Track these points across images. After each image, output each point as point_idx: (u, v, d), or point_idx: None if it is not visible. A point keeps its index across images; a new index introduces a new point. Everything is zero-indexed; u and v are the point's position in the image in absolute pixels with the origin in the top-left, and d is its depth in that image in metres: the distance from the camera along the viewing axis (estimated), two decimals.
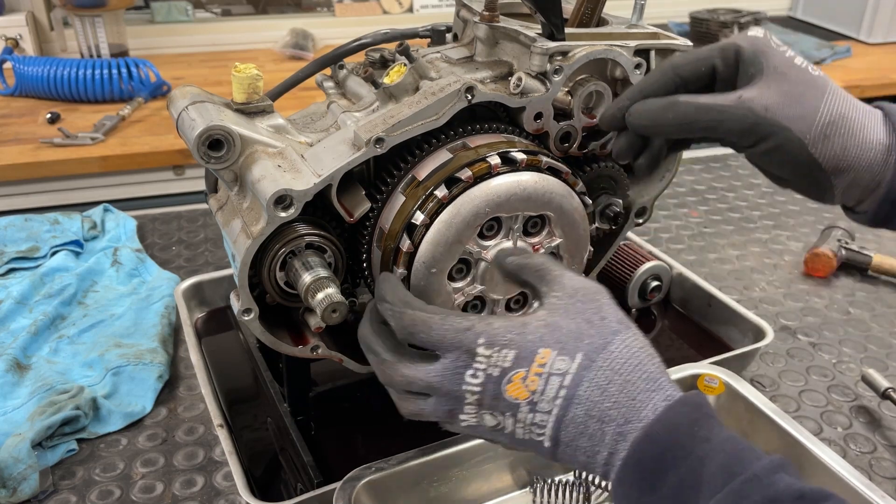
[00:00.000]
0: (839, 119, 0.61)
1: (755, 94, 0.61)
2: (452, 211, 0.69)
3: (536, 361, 0.55)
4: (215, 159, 0.72)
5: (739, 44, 0.64)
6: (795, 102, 0.61)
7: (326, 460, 0.84)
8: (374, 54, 0.86)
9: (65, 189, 1.84)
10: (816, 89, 0.62)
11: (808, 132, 0.60)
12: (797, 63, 0.63)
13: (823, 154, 0.61)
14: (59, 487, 0.85)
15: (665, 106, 0.63)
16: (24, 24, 2.27)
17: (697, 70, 0.65)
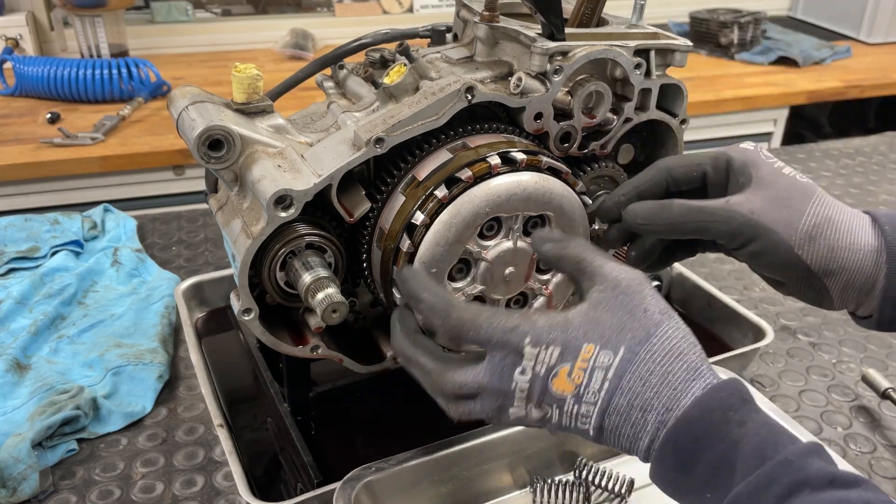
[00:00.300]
0: (825, 221, 0.63)
1: (743, 199, 0.65)
2: (452, 211, 0.69)
3: (581, 356, 0.56)
4: (215, 159, 0.72)
5: (731, 154, 0.68)
6: (781, 206, 0.64)
7: (326, 460, 0.84)
8: (374, 54, 0.86)
9: (65, 189, 1.84)
10: (803, 194, 0.65)
11: (793, 234, 0.63)
12: (785, 172, 0.66)
13: (811, 256, 0.63)
14: (59, 487, 0.85)
15: (660, 207, 0.67)
16: (24, 24, 2.28)
17: (689, 174, 0.68)
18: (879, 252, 0.63)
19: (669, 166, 0.69)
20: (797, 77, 2.52)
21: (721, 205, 0.65)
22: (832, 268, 0.63)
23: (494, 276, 0.74)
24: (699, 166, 0.68)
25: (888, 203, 1.56)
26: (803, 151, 1.82)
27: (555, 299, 0.79)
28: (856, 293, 0.65)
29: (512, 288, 0.76)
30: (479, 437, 0.78)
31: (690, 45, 0.82)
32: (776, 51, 2.65)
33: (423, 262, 0.70)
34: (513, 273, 0.75)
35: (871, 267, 0.63)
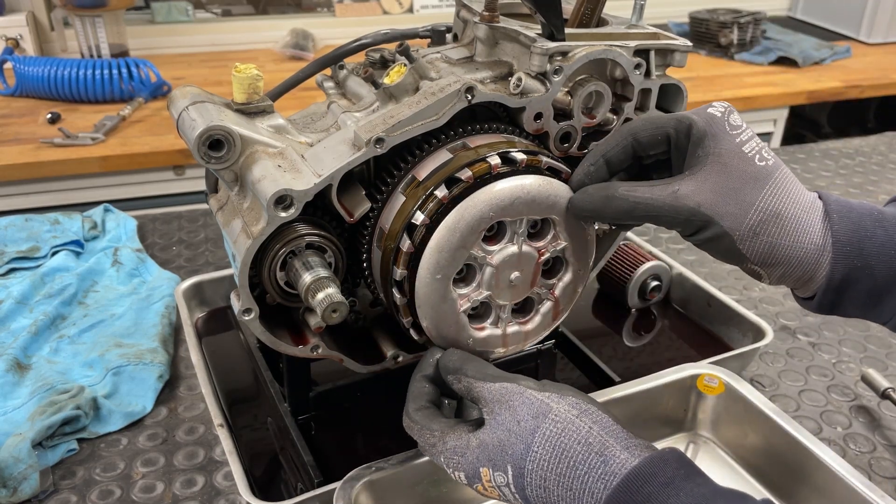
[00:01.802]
0: (772, 217, 0.62)
1: (691, 188, 0.63)
2: (456, 216, 0.69)
3: (483, 478, 0.62)
4: (216, 159, 0.72)
5: (693, 119, 0.65)
6: (730, 198, 0.62)
7: (326, 460, 0.84)
8: (375, 54, 0.86)
9: (65, 189, 1.85)
10: (756, 183, 0.63)
11: (737, 229, 0.63)
12: (744, 151, 0.64)
13: (751, 250, 0.63)
14: (60, 487, 0.85)
15: (604, 200, 0.66)
16: (25, 24, 2.28)
17: (654, 138, 0.67)
18: (822, 250, 0.63)
19: (633, 130, 0.67)
20: (797, 77, 2.52)
21: (668, 195, 0.63)
22: (770, 262, 0.63)
23: (500, 281, 0.73)
24: (663, 129, 0.66)
25: None
26: (803, 151, 1.82)
27: (561, 304, 0.79)
28: (793, 281, 0.66)
29: (518, 293, 0.76)
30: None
31: (690, 45, 0.82)
32: (776, 51, 2.65)
33: (428, 269, 0.69)
34: (518, 278, 0.74)
35: (812, 263, 0.63)
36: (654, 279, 1.14)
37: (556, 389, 0.63)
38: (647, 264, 1.13)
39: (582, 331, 1.08)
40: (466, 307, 0.73)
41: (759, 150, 0.65)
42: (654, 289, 1.14)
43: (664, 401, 0.89)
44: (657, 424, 0.90)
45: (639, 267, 1.13)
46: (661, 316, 1.16)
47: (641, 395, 0.86)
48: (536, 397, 0.61)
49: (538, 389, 0.63)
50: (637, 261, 1.14)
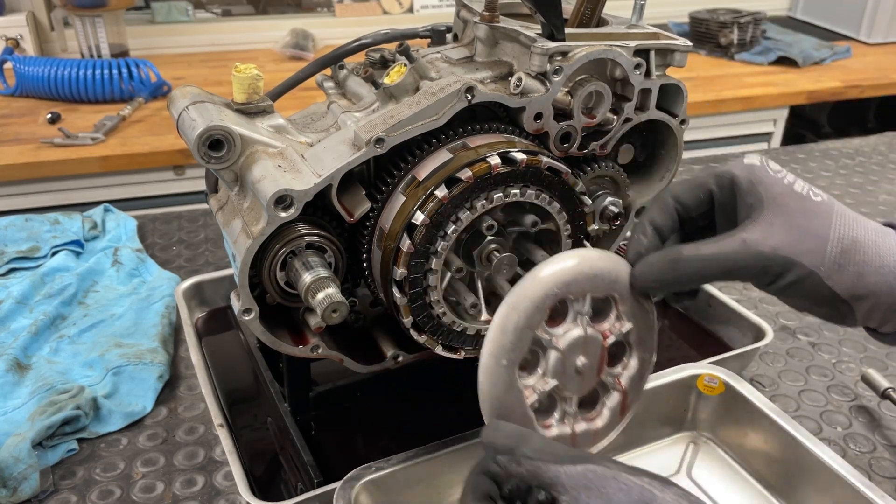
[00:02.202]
0: (851, 246, 0.59)
1: (759, 234, 0.59)
2: (518, 292, 0.61)
3: None
4: (216, 159, 0.72)
5: (734, 173, 0.63)
6: (803, 235, 0.59)
7: (326, 460, 0.84)
8: (375, 54, 0.86)
9: (65, 189, 1.85)
10: (821, 217, 0.60)
11: (820, 264, 0.58)
12: (797, 190, 0.61)
13: (840, 284, 0.59)
14: (60, 487, 0.85)
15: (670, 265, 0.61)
16: (25, 24, 2.28)
17: (696, 197, 0.64)
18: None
19: (676, 194, 0.64)
20: (797, 77, 2.52)
21: (738, 246, 0.59)
22: (861, 293, 0.59)
23: (567, 368, 0.65)
24: (704, 187, 0.63)
25: (888, 203, 1.56)
26: (803, 151, 1.82)
27: (630, 395, 0.70)
28: (881, 313, 0.61)
29: (585, 383, 0.67)
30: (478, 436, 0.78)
31: (690, 45, 0.82)
32: (776, 51, 2.65)
33: (492, 353, 0.61)
34: (585, 365, 0.66)
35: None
36: None
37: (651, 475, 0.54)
38: None
39: None
40: (533, 399, 0.64)
41: (810, 188, 0.62)
42: None
43: (664, 401, 0.89)
44: (657, 424, 0.90)
45: None
46: (662, 316, 1.16)
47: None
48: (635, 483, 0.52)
49: (632, 473, 0.53)
50: None
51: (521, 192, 0.74)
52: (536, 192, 0.75)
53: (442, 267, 0.75)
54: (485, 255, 0.78)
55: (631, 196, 0.90)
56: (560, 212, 0.78)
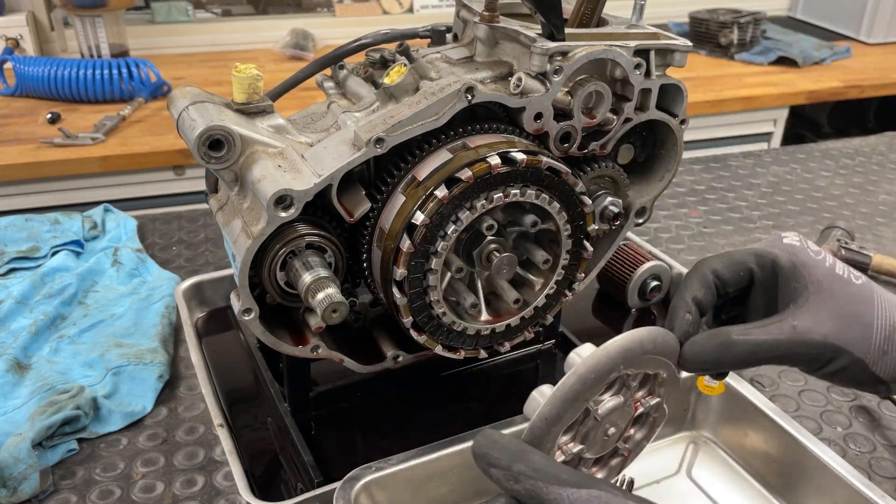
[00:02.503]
0: (894, 332, 0.60)
1: (809, 322, 0.60)
2: (589, 365, 0.60)
3: None
4: (216, 159, 0.72)
5: (777, 254, 0.63)
6: (851, 324, 0.60)
7: (326, 460, 0.84)
8: (375, 54, 0.86)
9: (65, 189, 1.85)
10: (865, 303, 0.61)
11: (867, 352, 0.60)
12: (839, 274, 0.62)
13: (884, 369, 0.61)
14: (60, 487, 0.85)
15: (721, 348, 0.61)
16: (25, 24, 2.28)
17: (736, 275, 0.64)
18: None
19: (716, 270, 0.64)
20: (797, 77, 2.52)
21: (789, 333, 0.60)
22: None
23: (598, 434, 0.65)
24: (745, 265, 0.64)
25: (888, 203, 1.56)
26: (803, 151, 1.82)
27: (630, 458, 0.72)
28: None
29: (605, 446, 0.67)
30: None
31: (690, 45, 0.82)
32: (776, 51, 2.65)
33: (546, 419, 0.60)
34: (613, 433, 0.66)
35: None
36: (654, 279, 1.14)
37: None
38: (647, 264, 1.13)
39: (582, 331, 1.08)
40: (560, 459, 0.64)
41: (849, 270, 0.63)
42: (654, 289, 1.14)
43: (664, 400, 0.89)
44: None
45: (639, 267, 1.13)
46: (662, 316, 1.16)
47: None
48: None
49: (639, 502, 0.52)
50: (637, 261, 1.14)
51: (521, 192, 0.74)
52: (536, 192, 0.75)
53: (442, 267, 0.75)
54: (485, 255, 0.78)
55: (631, 196, 0.90)
56: (560, 212, 0.78)
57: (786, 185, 1.64)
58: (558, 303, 0.86)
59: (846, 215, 1.50)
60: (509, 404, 0.95)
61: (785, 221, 1.48)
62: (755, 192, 1.60)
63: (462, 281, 0.80)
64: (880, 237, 1.42)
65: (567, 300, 0.86)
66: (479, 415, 0.85)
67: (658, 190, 0.91)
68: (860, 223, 1.47)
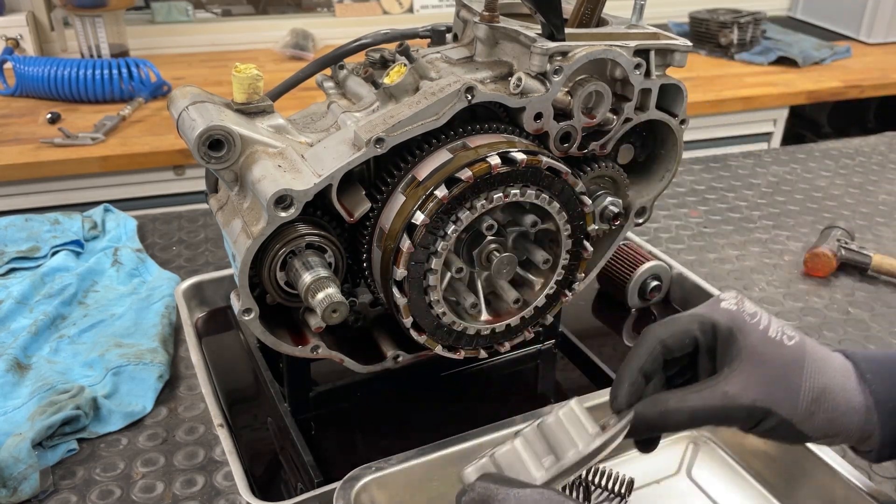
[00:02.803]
0: (821, 394, 0.63)
1: (739, 386, 0.63)
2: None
3: None
4: (216, 159, 0.72)
5: (716, 319, 0.66)
6: (778, 386, 0.63)
7: (326, 460, 0.84)
8: (375, 54, 0.86)
9: (65, 189, 1.84)
10: (795, 365, 0.64)
11: (794, 414, 0.63)
12: (772, 337, 0.65)
13: (812, 429, 0.64)
14: (60, 487, 0.85)
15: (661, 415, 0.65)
16: (25, 24, 2.28)
17: (681, 342, 0.67)
18: (869, 409, 0.64)
19: (661, 338, 0.67)
20: (797, 77, 2.52)
21: (720, 398, 0.63)
22: (830, 433, 0.64)
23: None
24: (689, 333, 0.67)
25: (888, 203, 1.56)
26: (803, 151, 1.82)
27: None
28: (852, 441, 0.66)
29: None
30: (478, 436, 0.78)
31: (690, 45, 0.82)
32: (776, 51, 2.65)
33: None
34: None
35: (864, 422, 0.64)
36: (654, 279, 1.14)
37: None
38: (647, 264, 1.13)
39: (582, 331, 1.08)
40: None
41: (783, 330, 0.66)
42: (654, 289, 1.14)
43: None
44: None
45: (639, 267, 1.13)
46: (661, 316, 1.16)
47: None
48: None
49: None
50: (637, 261, 1.14)
51: (520, 192, 0.74)
52: (536, 192, 0.75)
53: (442, 267, 0.75)
54: (485, 255, 0.78)
55: (631, 196, 0.90)
56: (560, 212, 0.78)
57: (786, 185, 1.64)
58: (558, 303, 0.86)
59: (846, 215, 1.50)
60: (509, 404, 0.96)
61: (785, 221, 1.48)
62: (755, 192, 1.60)
63: (462, 281, 0.80)
64: (880, 237, 1.42)
65: (567, 300, 0.86)
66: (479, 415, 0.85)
67: (658, 190, 0.91)
68: (860, 223, 1.47)
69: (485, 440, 0.79)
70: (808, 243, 1.37)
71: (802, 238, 1.41)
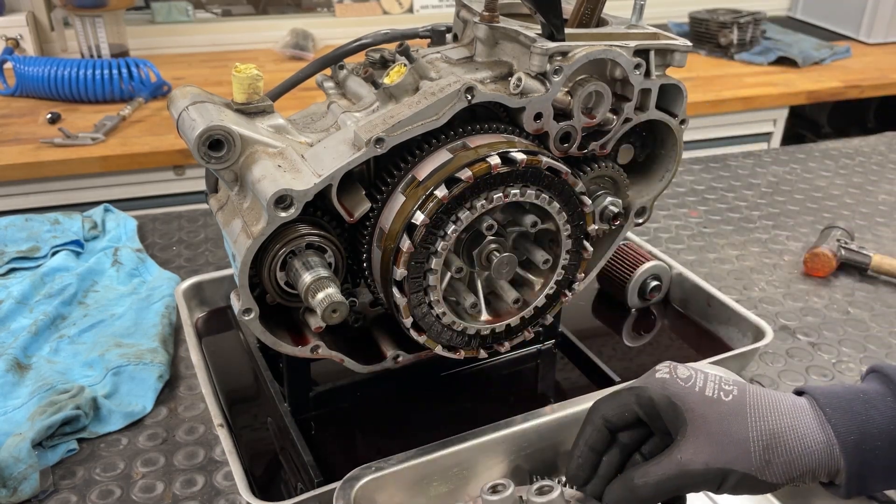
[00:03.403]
0: (770, 440, 0.63)
1: (690, 453, 0.64)
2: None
3: None
4: (216, 159, 0.72)
5: (651, 394, 0.66)
6: (726, 444, 0.63)
7: (326, 460, 0.84)
8: (375, 55, 0.86)
9: (65, 189, 1.84)
10: (737, 418, 0.64)
11: (749, 466, 0.63)
12: (709, 396, 0.65)
13: (773, 476, 0.64)
14: (60, 487, 0.85)
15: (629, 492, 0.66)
16: (25, 25, 2.28)
17: (623, 417, 0.68)
18: (830, 443, 0.63)
19: (604, 415, 0.68)
20: (797, 77, 2.52)
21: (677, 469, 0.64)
22: (795, 475, 0.64)
23: None
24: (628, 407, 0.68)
25: (888, 203, 1.56)
26: (803, 151, 1.82)
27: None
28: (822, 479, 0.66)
29: None
30: (478, 436, 0.79)
31: (690, 45, 0.82)
32: (776, 51, 2.65)
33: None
34: None
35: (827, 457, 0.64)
36: (654, 279, 1.14)
37: None
38: (647, 264, 1.13)
39: (582, 331, 1.08)
40: None
41: (719, 386, 0.66)
42: (654, 289, 1.14)
43: None
44: None
45: (639, 267, 1.13)
46: (661, 316, 1.16)
47: None
48: None
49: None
50: (637, 261, 1.14)
51: (520, 192, 0.75)
52: (536, 192, 0.75)
53: (442, 267, 0.75)
54: (485, 255, 0.78)
55: (631, 196, 0.90)
56: (560, 212, 0.78)
57: (786, 185, 1.64)
58: (558, 303, 0.86)
59: (846, 215, 1.50)
60: (509, 404, 0.96)
61: (785, 221, 1.48)
62: (755, 192, 1.60)
63: (462, 281, 0.80)
64: (880, 237, 1.42)
65: (567, 300, 0.86)
66: (479, 415, 0.85)
67: (658, 190, 0.91)
68: (860, 223, 1.47)
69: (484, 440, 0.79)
70: (807, 243, 1.37)
71: (802, 238, 1.41)
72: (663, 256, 1.18)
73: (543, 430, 0.81)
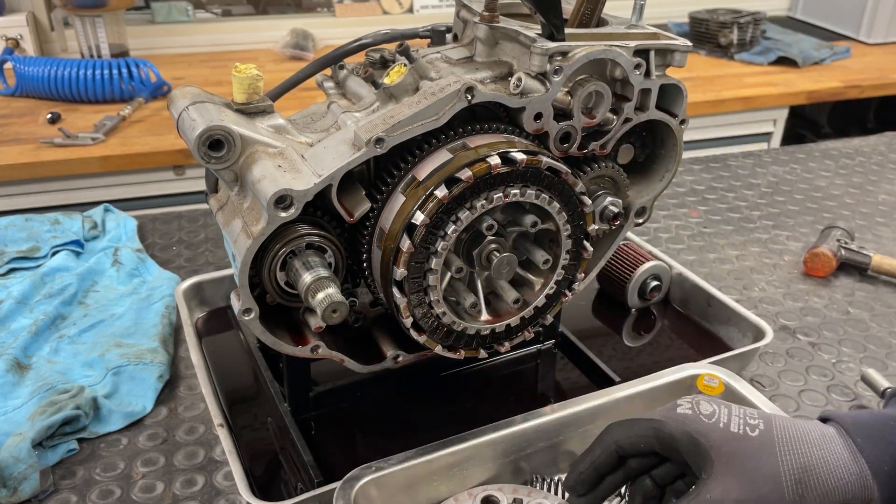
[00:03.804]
0: (803, 474, 0.61)
1: (718, 492, 0.62)
2: None
3: None
4: (216, 159, 0.72)
5: (672, 431, 0.65)
6: (757, 482, 0.61)
7: (326, 460, 0.84)
8: (375, 55, 0.86)
9: (65, 189, 1.85)
10: (766, 453, 0.62)
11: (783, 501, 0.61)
12: (735, 431, 0.64)
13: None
14: (60, 487, 0.85)
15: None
16: (25, 25, 2.28)
17: (637, 447, 0.67)
18: (863, 472, 0.62)
19: (617, 440, 0.67)
20: (797, 77, 2.52)
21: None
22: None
23: None
24: (646, 440, 0.66)
25: (888, 203, 1.56)
26: (803, 151, 1.82)
27: None
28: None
29: None
30: (478, 436, 0.79)
31: (690, 45, 0.82)
32: (776, 51, 2.65)
33: None
34: None
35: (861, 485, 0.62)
36: (654, 279, 1.14)
37: None
38: (647, 264, 1.13)
39: (582, 331, 1.08)
40: None
41: (744, 420, 0.65)
42: (654, 289, 1.14)
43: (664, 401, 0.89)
44: None
45: (639, 267, 1.13)
46: (661, 316, 1.16)
47: (641, 395, 0.86)
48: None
49: None
50: (637, 261, 1.14)
51: (520, 192, 0.75)
52: (536, 192, 0.75)
53: (442, 267, 0.75)
54: (485, 255, 0.78)
55: (631, 196, 0.90)
56: (560, 212, 0.78)
57: (785, 185, 1.64)
58: (558, 303, 0.86)
59: (846, 215, 1.50)
60: (509, 404, 0.96)
61: (785, 221, 1.48)
62: (755, 192, 1.60)
63: (462, 281, 0.80)
64: (880, 237, 1.42)
65: (567, 300, 0.86)
66: (479, 415, 0.85)
67: (658, 190, 0.91)
68: (860, 223, 1.47)
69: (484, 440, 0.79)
70: (807, 243, 1.37)
71: (802, 238, 1.41)
72: (663, 256, 1.18)
73: (543, 430, 0.81)
